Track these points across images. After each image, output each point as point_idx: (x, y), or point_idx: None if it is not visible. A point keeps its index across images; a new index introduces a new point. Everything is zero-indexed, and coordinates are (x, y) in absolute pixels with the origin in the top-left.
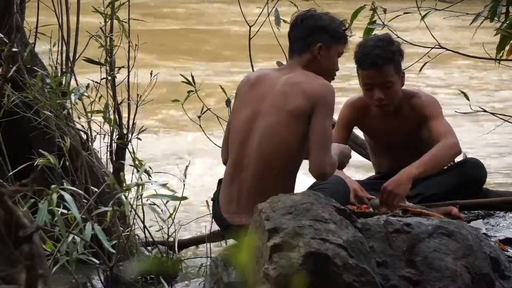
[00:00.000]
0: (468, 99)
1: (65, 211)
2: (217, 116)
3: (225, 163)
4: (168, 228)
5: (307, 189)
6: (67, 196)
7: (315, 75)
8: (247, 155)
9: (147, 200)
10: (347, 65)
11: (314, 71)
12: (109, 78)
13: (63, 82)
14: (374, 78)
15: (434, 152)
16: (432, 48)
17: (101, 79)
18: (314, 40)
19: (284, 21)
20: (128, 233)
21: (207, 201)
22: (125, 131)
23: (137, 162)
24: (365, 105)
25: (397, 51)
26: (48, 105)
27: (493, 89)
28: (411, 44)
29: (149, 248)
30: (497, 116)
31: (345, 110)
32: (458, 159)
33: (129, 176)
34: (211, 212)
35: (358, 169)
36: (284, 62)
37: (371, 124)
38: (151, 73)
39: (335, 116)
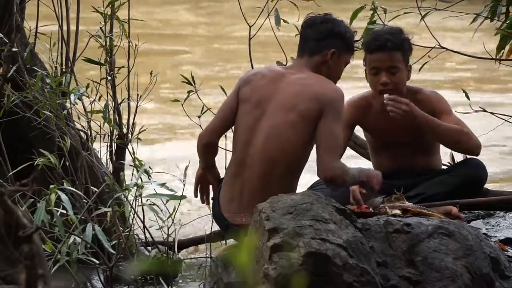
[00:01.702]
0: (468, 98)
1: (64, 212)
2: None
3: (205, 145)
4: (168, 228)
5: (307, 189)
6: (63, 197)
7: (326, 78)
8: (251, 154)
9: (147, 200)
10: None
11: (320, 74)
12: (109, 78)
13: (63, 82)
14: (381, 62)
15: (452, 126)
16: (432, 48)
17: (101, 79)
18: (329, 44)
19: (284, 21)
20: (128, 233)
21: None
22: (125, 131)
23: (137, 162)
24: (366, 104)
25: (406, 40)
26: (48, 105)
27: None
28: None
29: (149, 248)
30: (497, 116)
31: (346, 109)
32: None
33: (129, 176)
34: (211, 212)
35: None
36: (284, 62)
37: (373, 122)
38: (151, 73)
39: None
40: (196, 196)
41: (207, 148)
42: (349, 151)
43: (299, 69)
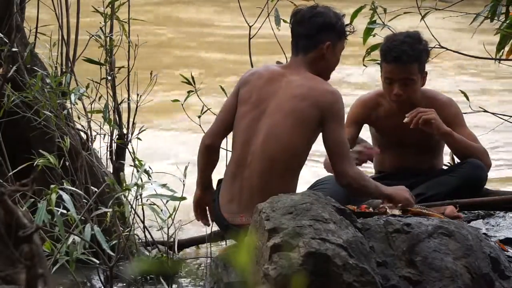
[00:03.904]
0: (468, 99)
1: (65, 212)
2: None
3: (207, 147)
4: (168, 228)
5: (307, 189)
6: (65, 197)
7: (323, 80)
8: (251, 153)
9: (147, 200)
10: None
11: (319, 68)
12: (109, 78)
13: (63, 82)
14: (396, 74)
15: (470, 142)
16: (432, 48)
17: (101, 79)
18: (322, 38)
19: (284, 21)
20: (128, 233)
21: None
22: (125, 131)
23: (137, 162)
24: (376, 103)
25: (424, 50)
26: (48, 105)
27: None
28: None
29: (149, 248)
30: (497, 116)
31: (355, 107)
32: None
33: (129, 176)
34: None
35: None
36: (284, 62)
37: (383, 121)
38: (151, 73)
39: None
40: (198, 220)
41: (208, 150)
42: None
43: (296, 69)
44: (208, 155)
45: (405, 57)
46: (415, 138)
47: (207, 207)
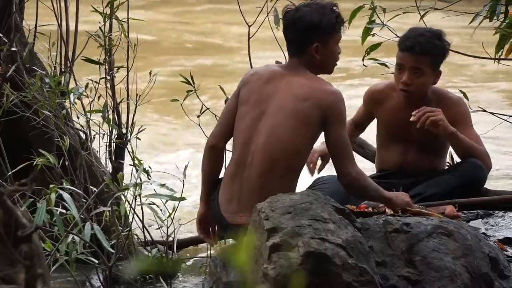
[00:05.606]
0: (467, 98)
1: (64, 211)
2: (215, 116)
3: (210, 148)
4: (167, 227)
5: (307, 189)
6: (66, 196)
7: (324, 80)
8: (251, 153)
9: (146, 200)
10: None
11: (316, 67)
12: (108, 77)
13: (62, 82)
14: (407, 61)
15: (474, 144)
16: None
17: (100, 78)
18: (309, 41)
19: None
20: (127, 232)
21: None
22: (124, 131)
23: (136, 162)
24: (386, 94)
25: (439, 46)
26: (47, 104)
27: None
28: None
29: (148, 248)
30: (497, 116)
31: (366, 94)
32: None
33: (129, 175)
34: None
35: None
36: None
37: (389, 114)
38: (150, 73)
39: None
40: (201, 237)
41: (212, 152)
42: None
43: (296, 69)
44: (212, 157)
45: (417, 47)
46: (419, 136)
47: (213, 225)
